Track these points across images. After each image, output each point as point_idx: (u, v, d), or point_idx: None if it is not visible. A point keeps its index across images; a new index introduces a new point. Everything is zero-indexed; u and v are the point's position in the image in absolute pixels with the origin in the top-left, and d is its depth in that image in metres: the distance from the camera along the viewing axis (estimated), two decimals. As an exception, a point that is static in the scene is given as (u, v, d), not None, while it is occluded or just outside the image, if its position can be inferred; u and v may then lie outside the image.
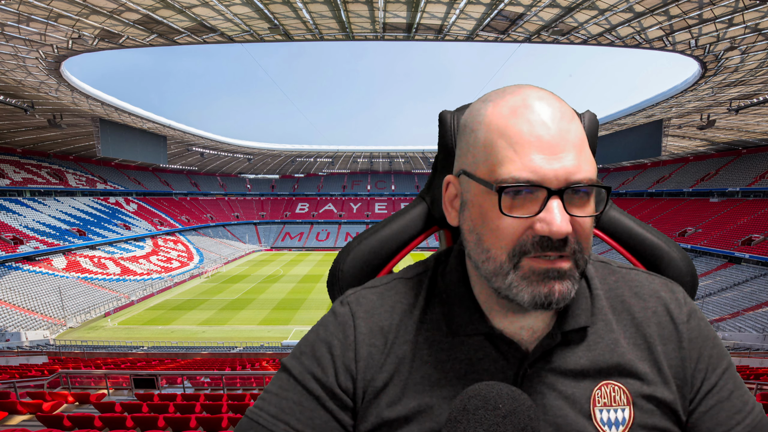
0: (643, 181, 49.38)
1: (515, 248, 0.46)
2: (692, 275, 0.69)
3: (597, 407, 0.50)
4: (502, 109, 0.47)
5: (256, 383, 10.83)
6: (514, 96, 0.47)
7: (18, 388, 7.30)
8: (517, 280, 0.46)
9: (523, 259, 0.46)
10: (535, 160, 0.44)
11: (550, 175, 0.44)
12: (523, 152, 0.44)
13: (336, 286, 0.71)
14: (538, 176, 0.44)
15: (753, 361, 14.09)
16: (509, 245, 0.46)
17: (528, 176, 0.44)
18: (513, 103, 0.47)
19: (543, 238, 0.44)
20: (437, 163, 0.69)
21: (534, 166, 0.44)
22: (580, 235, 0.46)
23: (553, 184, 0.44)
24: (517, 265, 0.46)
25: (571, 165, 0.44)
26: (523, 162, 0.44)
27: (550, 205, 0.44)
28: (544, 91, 0.48)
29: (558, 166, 0.44)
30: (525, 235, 0.45)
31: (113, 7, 15.69)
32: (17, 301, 26.49)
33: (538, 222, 0.44)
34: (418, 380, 0.52)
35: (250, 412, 0.53)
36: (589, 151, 0.47)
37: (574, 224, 0.45)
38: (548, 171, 0.44)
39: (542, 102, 0.46)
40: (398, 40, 21.24)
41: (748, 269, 28.45)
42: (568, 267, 0.46)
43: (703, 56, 18.95)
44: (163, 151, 39.20)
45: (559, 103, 0.47)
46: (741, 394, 0.53)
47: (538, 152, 0.44)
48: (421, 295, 0.57)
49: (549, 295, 0.46)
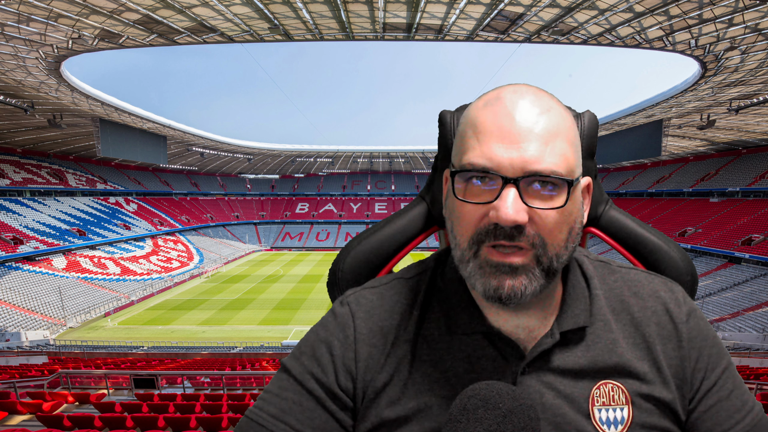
0: (643, 181, 49.37)
1: (473, 236, 0.46)
2: (692, 275, 0.69)
3: (596, 406, 0.50)
4: (479, 102, 0.48)
5: (256, 383, 10.83)
6: (493, 91, 0.48)
7: (18, 388, 7.29)
8: (475, 269, 0.47)
9: (482, 248, 0.46)
10: (493, 147, 0.44)
11: (505, 163, 0.44)
12: (484, 141, 0.45)
13: (336, 286, 0.71)
14: (493, 163, 0.44)
15: (753, 361, 14.09)
16: (469, 232, 0.47)
17: (483, 163, 0.45)
18: (488, 96, 0.48)
19: (497, 226, 0.45)
20: (437, 163, 0.69)
21: (491, 154, 0.44)
22: (542, 228, 0.45)
23: (508, 172, 0.44)
24: (476, 253, 0.47)
25: (530, 155, 0.44)
26: (482, 149, 0.45)
27: (503, 193, 0.44)
28: (527, 87, 0.48)
29: (515, 155, 0.44)
30: (482, 223, 0.46)
31: (113, 7, 15.68)
32: (17, 301, 26.48)
33: (492, 209, 0.45)
34: (418, 380, 0.52)
35: (250, 412, 0.53)
36: (565, 145, 0.46)
37: (533, 216, 0.45)
38: (504, 159, 0.44)
39: (515, 95, 0.46)
40: (398, 40, 21.23)
41: (748, 269, 28.44)
42: (521, 262, 0.45)
43: (703, 56, 18.95)
44: (163, 151, 39.19)
45: (534, 96, 0.47)
46: (740, 394, 0.52)
47: (498, 141, 0.44)
48: (420, 295, 0.57)
49: (498, 289, 0.46)
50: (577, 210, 0.49)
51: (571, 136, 0.47)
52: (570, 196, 0.46)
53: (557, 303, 0.54)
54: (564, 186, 0.45)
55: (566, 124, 0.47)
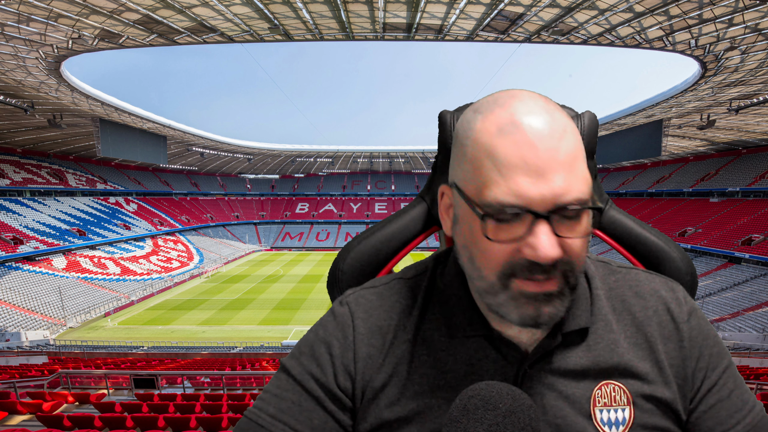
0: (643, 181, 49.38)
1: (504, 271, 0.45)
2: (692, 275, 0.69)
3: (597, 407, 0.50)
4: (490, 125, 0.44)
5: (256, 383, 10.83)
6: (503, 110, 0.45)
7: (18, 388, 7.30)
8: (507, 301, 0.46)
9: (513, 280, 0.45)
10: (520, 183, 0.42)
11: (536, 199, 0.42)
12: (509, 175, 0.42)
13: (336, 286, 0.71)
14: (523, 200, 0.42)
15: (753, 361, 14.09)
16: (498, 267, 0.45)
17: (513, 201, 0.42)
18: (501, 119, 0.44)
19: (531, 263, 0.43)
20: (437, 163, 0.69)
21: (519, 190, 0.42)
22: (571, 254, 0.45)
23: (539, 207, 0.42)
24: (507, 286, 0.45)
25: (558, 187, 0.42)
26: (509, 186, 0.42)
27: (536, 230, 0.42)
28: (536, 102, 0.45)
29: (545, 189, 0.42)
30: (513, 258, 0.44)
31: (113, 7, 15.69)
32: (17, 301, 26.49)
33: (525, 246, 0.43)
34: (418, 381, 0.52)
35: (249, 412, 0.53)
36: (583, 165, 0.45)
37: (563, 245, 0.44)
38: (534, 195, 0.42)
39: (530, 117, 0.44)
40: (398, 40, 21.24)
41: (748, 269, 28.45)
42: (556, 289, 0.45)
43: (703, 56, 18.95)
44: (163, 151, 39.20)
45: (550, 116, 0.44)
46: (741, 393, 0.52)
47: (524, 175, 0.42)
48: (420, 296, 0.57)
49: (537, 317, 0.45)
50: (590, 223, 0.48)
51: (581, 149, 0.46)
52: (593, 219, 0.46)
53: None
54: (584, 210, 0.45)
55: (577, 138, 0.45)
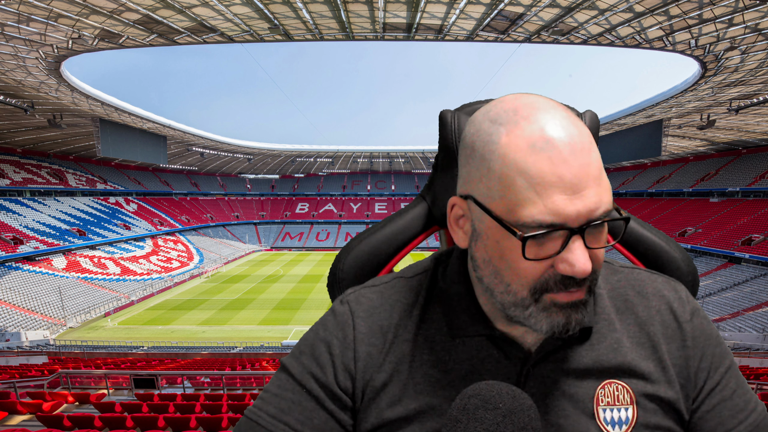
0: (643, 181, 49.37)
1: (537, 286, 0.45)
2: (693, 275, 0.69)
3: (600, 406, 0.49)
4: (519, 141, 0.43)
5: (256, 383, 10.83)
6: (530, 124, 0.43)
7: (18, 388, 7.29)
8: (537, 312, 0.46)
9: (545, 294, 0.45)
10: (557, 201, 0.42)
11: (572, 216, 0.42)
12: (545, 194, 0.42)
13: (336, 285, 0.71)
14: (560, 218, 0.42)
15: (753, 361, 14.10)
16: (530, 283, 0.45)
17: (551, 220, 0.42)
18: (530, 134, 0.43)
19: (565, 277, 0.44)
20: (437, 163, 0.69)
21: (557, 209, 0.42)
22: (597, 264, 0.46)
23: (574, 223, 0.42)
24: (538, 299, 0.46)
25: (592, 202, 0.42)
26: (546, 205, 0.42)
27: (572, 246, 0.43)
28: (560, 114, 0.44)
29: (580, 206, 0.42)
30: (546, 274, 0.44)
31: (113, 7, 15.69)
32: (17, 301, 26.48)
33: (561, 262, 0.43)
34: (419, 380, 0.52)
35: (249, 411, 0.52)
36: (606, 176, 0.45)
37: (592, 256, 0.44)
38: (571, 212, 0.42)
39: (562, 131, 0.43)
40: (398, 40, 21.24)
41: (748, 269, 28.45)
42: (584, 297, 0.46)
43: (703, 56, 18.95)
44: (163, 151, 39.20)
45: (576, 129, 0.43)
46: (743, 393, 0.52)
47: (561, 193, 0.41)
48: (421, 295, 0.57)
49: (566, 325, 0.46)
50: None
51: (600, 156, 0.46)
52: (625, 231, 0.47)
53: None
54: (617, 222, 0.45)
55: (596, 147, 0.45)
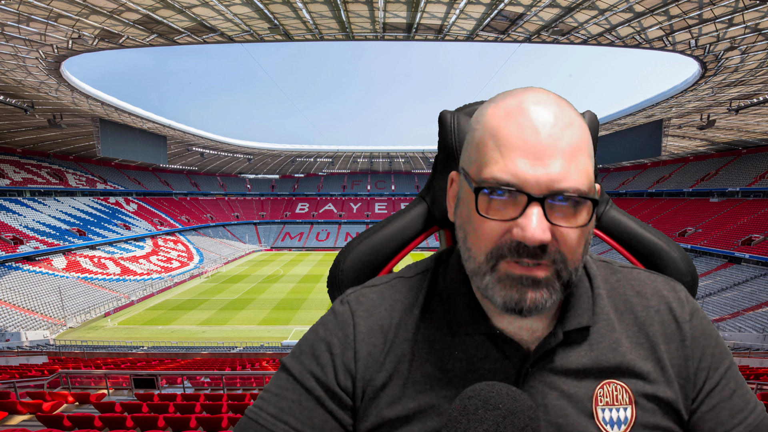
0: (643, 181, 49.38)
1: (493, 251, 0.46)
2: (692, 275, 0.69)
3: (599, 406, 0.49)
4: (499, 110, 0.46)
5: (256, 383, 10.83)
6: (514, 98, 0.46)
7: (18, 388, 7.30)
8: (493, 283, 0.46)
9: (501, 262, 0.45)
10: (518, 164, 0.43)
11: (531, 181, 0.43)
12: (508, 155, 0.44)
13: (336, 285, 0.71)
14: (518, 180, 0.43)
15: (753, 361, 14.10)
16: (488, 247, 0.46)
17: (508, 179, 0.43)
18: (510, 105, 0.46)
19: (519, 243, 0.44)
20: (437, 163, 0.69)
21: (516, 170, 0.43)
22: (564, 245, 0.45)
23: (534, 190, 0.43)
24: (494, 267, 0.46)
25: (556, 172, 0.43)
26: (506, 164, 0.44)
27: (528, 211, 0.43)
28: (548, 96, 0.46)
29: (541, 173, 0.43)
30: (503, 239, 0.45)
31: (113, 7, 15.69)
32: (17, 301, 26.48)
33: (515, 227, 0.44)
34: (419, 379, 0.52)
35: (250, 411, 0.52)
36: (587, 159, 0.45)
37: (556, 234, 0.44)
38: (530, 176, 0.43)
39: (539, 106, 0.45)
40: (398, 40, 21.24)
41: (748, 269, 28.45)
42: (544, 276, 0.45)
43: (703, 56, 18.95)
44: (163, 151, 39.20)
45: (558, 108, 0.45)
46: (743, 393, 0.52)
47: (523, 156, 0.43)
48: (421, 294, 0.57)
49: (520, 302, 0.45)
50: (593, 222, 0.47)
51: (590, 148, 0.47)
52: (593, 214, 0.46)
53: (560, 303, 0.53)
54: (587, 204, 0.45)
55: (586, 136, 0.46)
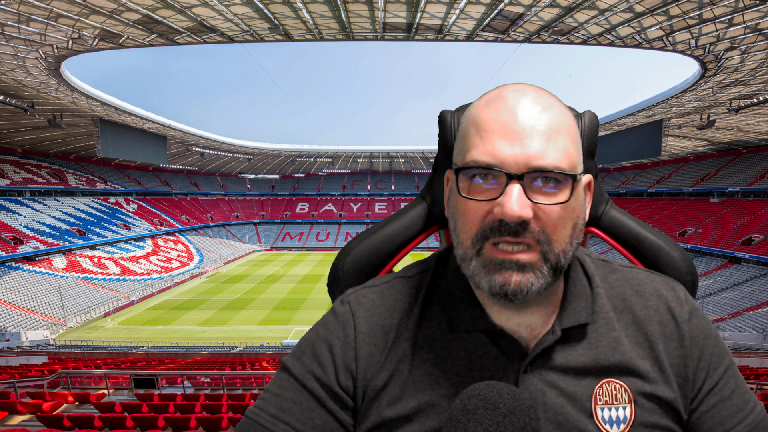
0: (643, 181, 49.36)
1: (477, 233, 0.46)
2: (692, 275, 0.69)
3: (598, 405, 0.49)
4: (481, 101, 0.49)
5: (256, 383, 10.83)
6: (494, 90, 0.49)
7: (18, 388, 7.29)
8: (479, 267, 0.47)
9: (485, 245, 0.46)
10: (496, 144, 0.45)
11: (509, 160, 0.44)
12: (487, 138, 0.45)
13: (336, 285, 0.71)
14: (497, 160, 0.44)
15: (753, 361, 14.09)
16: (473, 230, 0.47)
17: (488, 160, 0.45)
18: (490, 95, 0.48)
19: (501, 222, 0.45)
20: (437, 163, 0.69)
21: (495, 151, 0.45)
22: (546, 224, 0.45)
23: (512, 168, 0.44)
24: (479, 251, 0.47)
25: (533, 151, 0.44)
26: (485, 146, 0.45)
27: (508, 189, 0.44)
28: (527, 86, 0.48)
29: (519, 151, 0.44)
30: (486, 220, 0.46)
31: (113, 7, 15.68)
32: (17, 301, 26.48)
33: (496, 206, 0.45)
34: (419, 378, 0.52)
35: (250, 412, 0.53)
36: (567, 141, 0.46)
37: (538, 212, 0.45)
38: (507, 155, 0.44)
39: (516, 93, 0.47)
40: (398, 40, 21.23)
41: (748, 269, 28.44)
42: (528, 259, 0.45)
43: (703, 56, 18.95)
44: (163, 151, 39.18)
45: (536, 93, 0.47)
46: (742, 393, 0.52)
47: (501, 138, 0.45)
48: (421, 294, 0.57)
49: (504, 285, 0.46)
50: (580, 206, 0.49)
51: (572, 132, 0.48)
52: (574, 191, 0.46)
53: (559, 301, 0.54)
54: (567, 181, 0.46)
55: (567, 122, 0.47)
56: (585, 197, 0.53)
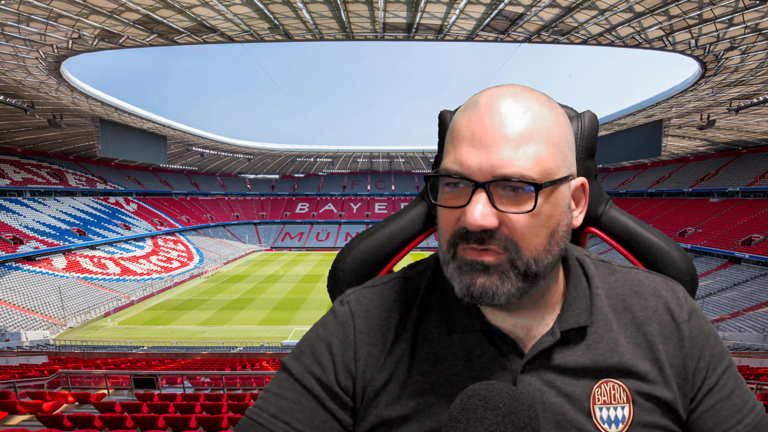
0: (643, 181, 49.36)
1: (450, 239, 0.47)
2: (692, 275, 0.69)
3: (597, 405, 0.50)
4: (461, 108, 0.49)
5: (256, 383, 10.83)
6: (476, 95, 0.49)
7: (18, 388, 7.29)
8: (453, 269, 0.48)
9: (458, 249, 0.47)
10: (463, 152, 0.45)
11: (474, 167, 0.44)
12: (458, 146, 0.46)
13: (336, 285, 0.71)
14: (463, 168, 0.45)
15: (753, 361, 14.09)
16: (447, 235, 0.48)
17: (455, 168, 0.45)
18: (468, 102, 0.48)
19: (466, 229, 0.45)
20: (437, 163, 0.69)
21: (461, 159, 0.45)
22: (514, 232, 0.45)
23: (477, 176, 0.44)
24: (454, 255, 0.47)
25: (497, 158, 0.44)
26: (455, 155, 0.46)
27: (473, 198, 0.44)
28: (507, 89, 0.47)
29: (483, 159, 0.44)
30: (456, 227, 0.47)
31: (113, 7, 15.68)
32: (17, 301, 26.48)
33: (463, 214, 0.45)
34: (418, 379, 0.52)
35: (250, 411, 0.53)
36: (540, 147, 0.45)
37: (504, 220, 0.45)
38: (473, 163, 0.44)
39: (491, 98, 0.46)
40: (398, 40, 21.22)
41: (748, 269, 28.43)
42: (492, 261, 0.45)
43: (703, 56, 18.95)
44: (163, 151, 39.17)
45: (512, 99, 0.46)
46: (742, 393, 0.52)
47: (469, 145, 0.45)
48: (420, 294, 0.57)
49: (470, 287, 0.46)
50: (560, 212, 0.47)
51: (552, 136, 0.46)
52: (541, 199, 0.45)
53: (558, 302, 0.54)
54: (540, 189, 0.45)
55: (545, 125, 0.46)
56: (579, 201, 0.52)
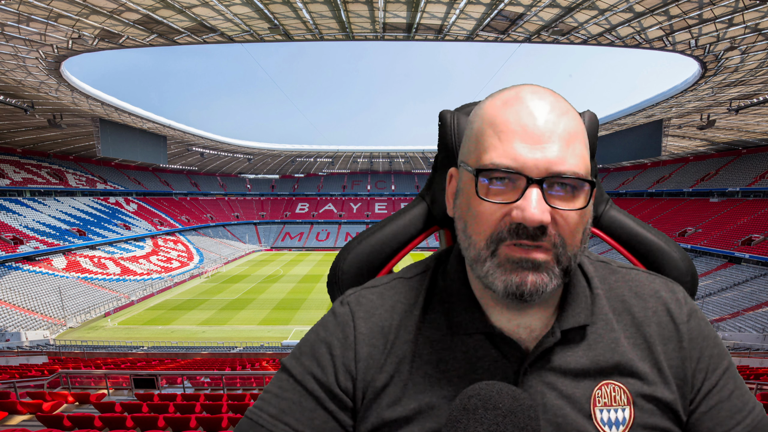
0: (643, 181, 49.36)
1: (493, 235, 0.46)
2: (692, 275, 0.69)
3: (597, 407, 0.50)
4: (496, 101, 0.48)
5: (256, 383, 10.83)
6: (510, 90, 0.49)
7: (18, 388, 7.29)
8: (493, 268, 0.47)
9: (500, 246, 0.46)
10: (517, 148, 0.45)
11: (530, 164, 0.44)
12: (506, 140, 0.45)
13: (336, 286, 0.71)
14: (518, 163, 0.44)
15: (753, 361, 14.09)
16: (487, 231, 0.46)
17: (508, 163, 0.45)
18: (507, 96, 0.48)
19: (519, 225, 0.45)
20: (437, 163, 0.69)
21: (515, 154, 0.44)
22: (563, 229, 0.46)
23: (533, 172, 0.44)
24: (494, 252, 0.46)
25: (554, 156, 0.44)
26: (505, 149, 0.45)
27: (527, 193, 0.44)
28: (542, 88, 0.49)
29: (540, 156, 0.44)
30: (503, 222, 0.46)
31: (113, 7, 15.68)
32: (17, 301, 26.48)
33: (515, 209, 0.45)
34: (419, 380, 0.52)
35: (250, 412, 0.53)
36: (582, 147, 0.47)
37: (555, 217, 0.45)
38: (528, 159, 0.44)
39: (534, 95, 0.47)
40: (398, 40, 21.23)
41: (748, 269, 28.43)
42: (544, 259, 0.46)
43: (703, 56, 18.95)
44: (163, 151, 39.19)
45: (553, 97, 0.47)
46: (741, 394, 0.52)
47: (521, 141, 0.45)
48: (421, 295, 0.57)
49: (521, 285, 0.45)
50: (591, 210, 0.49)
51: (586, 138, 0.48)
52: (591, 198, 0.47)
53: (558, 303, 0.54)
54: (585, 187, 0.46)
55: (582, 127, 0.48)
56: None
